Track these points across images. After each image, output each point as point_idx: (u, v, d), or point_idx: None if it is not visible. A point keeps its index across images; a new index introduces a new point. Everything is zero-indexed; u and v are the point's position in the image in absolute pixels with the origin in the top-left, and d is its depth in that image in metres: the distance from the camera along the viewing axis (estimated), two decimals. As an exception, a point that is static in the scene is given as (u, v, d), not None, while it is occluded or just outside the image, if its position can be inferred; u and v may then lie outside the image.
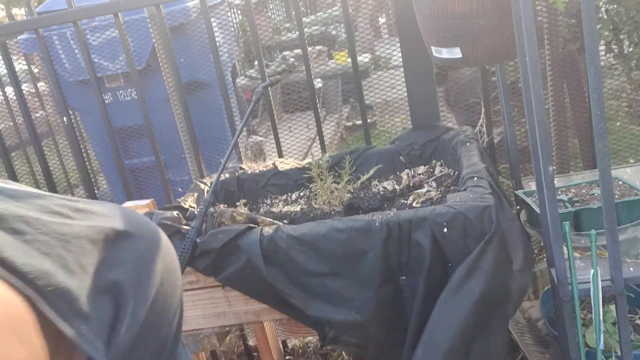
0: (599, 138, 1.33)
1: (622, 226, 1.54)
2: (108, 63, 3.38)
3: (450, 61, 1.54)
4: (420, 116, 2.11)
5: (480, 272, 1.34)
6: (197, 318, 1.62)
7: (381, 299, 1.41)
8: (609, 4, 2.47)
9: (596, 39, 1.26)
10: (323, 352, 2.52)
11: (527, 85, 1.39)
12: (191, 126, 2.31)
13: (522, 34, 1.33)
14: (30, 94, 3.89)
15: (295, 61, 6.16)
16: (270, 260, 1.47)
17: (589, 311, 1.91)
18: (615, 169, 2.01)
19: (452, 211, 1.36)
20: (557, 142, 2.44)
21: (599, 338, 1.49)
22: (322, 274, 1.45)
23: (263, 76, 2.20)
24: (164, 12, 2.19)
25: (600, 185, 1.37)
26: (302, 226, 1.47)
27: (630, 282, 1.49)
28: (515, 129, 2.01)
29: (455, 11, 1.43)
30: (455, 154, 1.83)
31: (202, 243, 1.50)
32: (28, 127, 2.49)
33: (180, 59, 3.20)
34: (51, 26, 2.90)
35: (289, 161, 2.16)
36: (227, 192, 2.07)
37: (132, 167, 3.58)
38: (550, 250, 1.50)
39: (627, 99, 2.77)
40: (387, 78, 2.70)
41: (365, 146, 2.12)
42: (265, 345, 1.80)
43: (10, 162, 2.63)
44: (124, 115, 3.48)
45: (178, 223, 1.61)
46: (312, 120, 2.34)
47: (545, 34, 2.30)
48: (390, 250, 1.40)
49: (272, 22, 7.77)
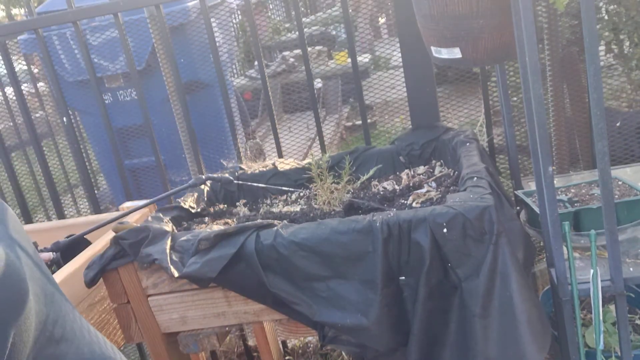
0: (599, 138, 1.33)
1: (622, 226, 1.54)
2: (108, 63, 3.38)
3: (450, 61, 1.54)
4: (420, 116, 2.11)
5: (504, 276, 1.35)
6: (197, 318, 1.62)
7: (385, 300, 1.41)
8: (609, 4, 2.47)
9: (596, 40, 1.26)
10: (323, 352, 2.53)
11: (527, 85, 1.39)
12: (191, 126, 2.31)
13: (522, 34, 1.34)
14: (30, 94, 3.88)
15: (295, 61, 6.16)
16: (272, 269, 1.47)
17: (589, 311, 1.91)
18: (615, 169, 2.01)
19: (452, 211, 1.36)
20: (557, 142, 2.44)
21: (599, 338, 1.49)
22: (326, 277, 1.45)
23: (263, 76, 2.20)
24: (164, 12, 2.19)
25: (600, 185, 1.37)
26: (302, 230, 1.47)
27: (630, 282, 1.49)
28: (515, 129, 2.01)
29: (455, 11, 1.43)
30: (455, 154, 1.83)
31: (196, 271, 1.48)
32: (28, 127, 2.50)
33: (180, 59, 3.21)
34: (51, 26, 2.90)
35: (288, 161, 2.16)
36: (227, 192, 2.07)
37: (132, 167, 3.58)
38: (550, 250, 1.50)
39: (627, 99, 2.77)
40: (387, 78, 2.70)
41: (365, 146, 2.12)
42: (265, 345, 1.80)
43: (10, 162, 2.63)
44: (124, 115, 3.48)
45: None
46: (312, 120, 2.34)
47: (545, 34, 2.30)
48: (391, 250, 1.40)
49: (272, 22, 7.78)
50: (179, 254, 1.53)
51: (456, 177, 1.77)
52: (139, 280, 1.60)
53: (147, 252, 1.53)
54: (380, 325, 1.42)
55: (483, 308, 1.35)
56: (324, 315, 1.46)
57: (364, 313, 1.42)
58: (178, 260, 1.51)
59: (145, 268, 1.57)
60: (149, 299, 1.61)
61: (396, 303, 1.44)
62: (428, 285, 1.39)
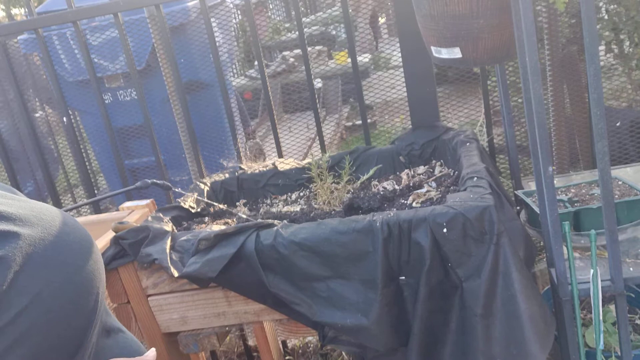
0: (599, 138, 1.33)
1: (622, 226, 1.54)
2: (108, 63, 3.38)
3: (450, 61, 1.54)
4: (420, 116, 2.11)
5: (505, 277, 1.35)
6: (197, 318, 1.62)
7: (386, 300, 1.41)
8: (609, 4, 2.47)
9: (596, 40, 1.26)
10: (323, 352, 2.53)
11: (527, 86, 1.39)
12: (191, 126, 2.31)
13: (522, 34, 1.34)
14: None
15: (295, 61, 6.16)
16: (272, 269, 1.47)
17: (589, 311, 1.91)
18: (615, 169, 2.01)
19: (452, 211, 1.36)
20: (557, 142, 2.44)
21: (599, 338, 1.49)
22: (326, 277, 1.45)
23: (263, 76, 2.20)
24: (164, 12, 2.19)
25: (600, 185, 1.37)
26: (302, 229, 1.47)
27: (630, 282, 1.49)
28: (515, 129, 2.01)
29: (455, 11, 1.43)
30: (455, 154, 1.83)
31: (196, 272, 1.48)
32: (28, 127, 2.50)
33: (180, 59, 3.21)
34: (51, 26, 2.90)
35: (288, 161, 2.16)
36: (227, 192, 2.07)
37: (132, 167, 3.58)
38: (550, 250, 1.50)
39: (627, 99, 2.77)
40: (387, 78, 2.71)
41: (365, 146, 2.12)
42: (265, 345, 1.80)
43: (10, 162, 2.63)
44: (124, 115, 3.48)
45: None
46: (312, 120, 2.34)
47: (545, 34, 2.30)
48: (391, 250, 1.40)
49: (272, 22, 7.78)
50: (179, 254, 1.53)
51: (456, 177, 1.77)
52: (139, 280, 1.60)
53: (147, 252, 1.53)
54: (380, 325, 1.42)
55: (485, 308, 1.35)
56: (324, 315, 1.46)
57: (364, 313, 1.42)
58: (178, 260, 1.51)
59: (145, 268, 1.57)
60: (149, 299, 1.62)
61: (396, 303, 1.44)
62: (428, 285, 1.39)
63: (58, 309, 0.68)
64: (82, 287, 0.72)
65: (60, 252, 0.71)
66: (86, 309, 0.72)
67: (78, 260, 0.73)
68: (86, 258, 0.74)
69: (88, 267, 0.74)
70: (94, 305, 0.74)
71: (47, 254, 0.69)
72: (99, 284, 0.76)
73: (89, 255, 0.75)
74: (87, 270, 0.74)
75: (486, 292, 1.35)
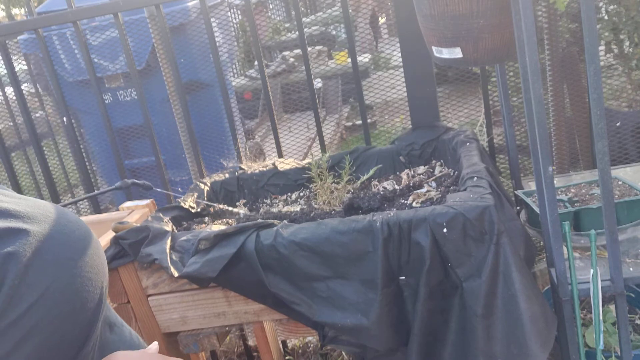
0: (599, 138, 1.33)
1: (622, 226, 1.54)
2: (108, 63, 3.38)
3: (451, 61, 1.54)
4: (420, 116, 2.11)
5: (504, 277, 1.35)
6: (197, 318, 1.62)
7: (386, 300, 1.41)
8: (609, 4, 2.48)
9: (596, 40, 1.26)
10: (323, 352, 2.53)
11: (527, 86, 1.39)
12: (191, 126, 2.31)
13: (522, 34, 1.34)
14: (30, 94, 3.88)
15: (295, 61, 6.16)
16: (272, 269, 1.47)
17: (589, 311, 1.91)
18: (615, 169, 2.01)
19: (452, 211, 1.36)
20: (557, 142, 2.44)
21: (599, 338, 1.49)
22: (326, 277, 1.45)
23: (263, 76, 2.20)
24: (164, 12, 2.19)
25: (600, 185, 1.37)
26: (302, 229, 1.46)
27: (630, 282, 1.49)
28: (515, 129, 2.01)
29: (455, 11, 1.43)
30: (455, 154, 1.83)
31: (197, 272, 1.48)
32: (28, 127, 2.50)
33: (180, 59, 3.21)
34: (51, 26, 2.90)
35: (288, 161, 2.16)
36: (227, 192, 2.07)
37: (132, 167, 3.58)
38: (550, 250, 1.50)
39: (627, 99, 2.77)
40: (387, 78, 2.71)
41: (365, 146, 2.12)
42: (265, 345, 1.80)
43: (10, 162, 2.63)
44: (124, 115, 3.48)
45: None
46: (312, 120, 2.34)
47: (545, 34, 2.30)
48: (391, 250, 1.40)
49: (272, 22, 7.78)
50: (179, 254, 1.53)
51: (456, 177, 1.77)
52: (139, 280, 1.60)
53: (147, 251, 1.53)
54: (380, 325, 1.42)
55: (485, 308, 1.35)
56: (324, 315, 1.46)
57: (364, 313, 1.42)
58: (178, 260, 1.51)
59: (145, 268, 1.57)
60: (149, 299, 1.62)
61: (396, 303, 1.44)
62: (428, 285, 1.39)
63: (66, 303, 0.69)
64: (88, 282, 0.73)
65: (66, 248, 0.73)
66: (92, 303, 0.74)
67: (84, 256, 0.75)
68: (91, 254, 0.76)
69: (93, 263, 0.76)
70: (99, 299, 0.76)
71: (54, 250, 0.71)
72: (103, 279, 0.78)
73: (94, 251, 0.77)
74: (92, 266, 0.75)
75: (486, 292, 1.35)
